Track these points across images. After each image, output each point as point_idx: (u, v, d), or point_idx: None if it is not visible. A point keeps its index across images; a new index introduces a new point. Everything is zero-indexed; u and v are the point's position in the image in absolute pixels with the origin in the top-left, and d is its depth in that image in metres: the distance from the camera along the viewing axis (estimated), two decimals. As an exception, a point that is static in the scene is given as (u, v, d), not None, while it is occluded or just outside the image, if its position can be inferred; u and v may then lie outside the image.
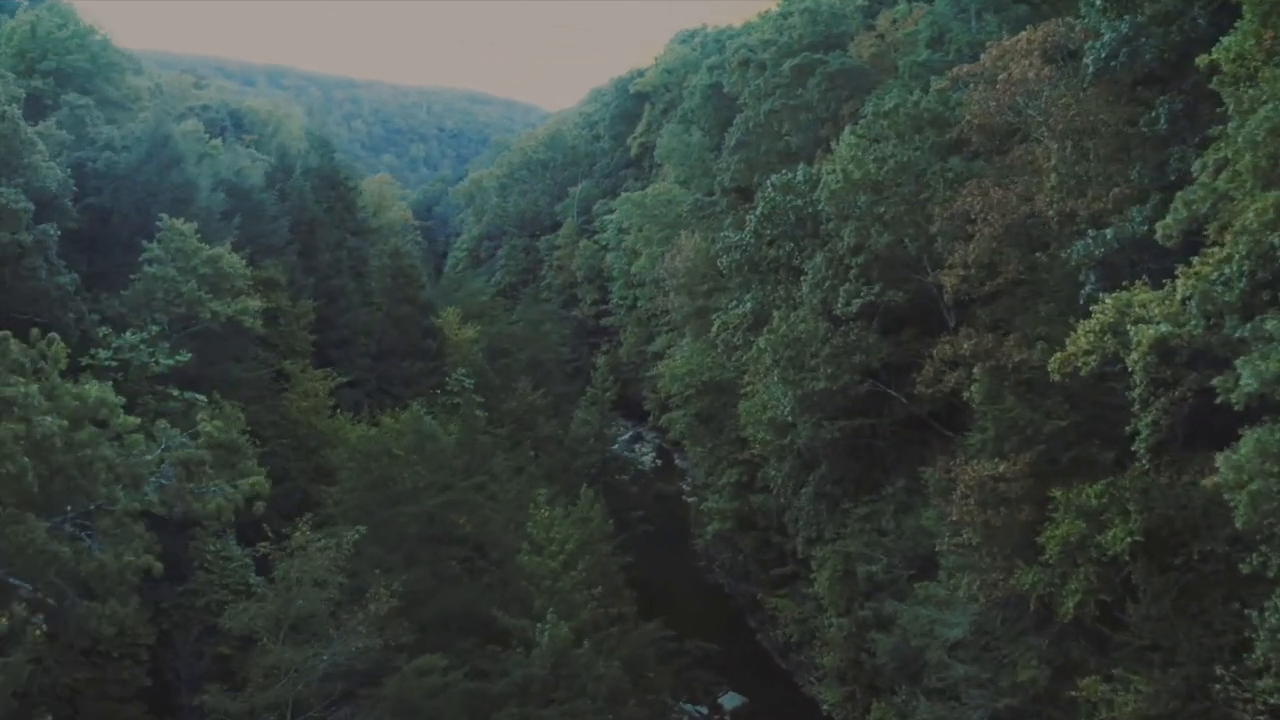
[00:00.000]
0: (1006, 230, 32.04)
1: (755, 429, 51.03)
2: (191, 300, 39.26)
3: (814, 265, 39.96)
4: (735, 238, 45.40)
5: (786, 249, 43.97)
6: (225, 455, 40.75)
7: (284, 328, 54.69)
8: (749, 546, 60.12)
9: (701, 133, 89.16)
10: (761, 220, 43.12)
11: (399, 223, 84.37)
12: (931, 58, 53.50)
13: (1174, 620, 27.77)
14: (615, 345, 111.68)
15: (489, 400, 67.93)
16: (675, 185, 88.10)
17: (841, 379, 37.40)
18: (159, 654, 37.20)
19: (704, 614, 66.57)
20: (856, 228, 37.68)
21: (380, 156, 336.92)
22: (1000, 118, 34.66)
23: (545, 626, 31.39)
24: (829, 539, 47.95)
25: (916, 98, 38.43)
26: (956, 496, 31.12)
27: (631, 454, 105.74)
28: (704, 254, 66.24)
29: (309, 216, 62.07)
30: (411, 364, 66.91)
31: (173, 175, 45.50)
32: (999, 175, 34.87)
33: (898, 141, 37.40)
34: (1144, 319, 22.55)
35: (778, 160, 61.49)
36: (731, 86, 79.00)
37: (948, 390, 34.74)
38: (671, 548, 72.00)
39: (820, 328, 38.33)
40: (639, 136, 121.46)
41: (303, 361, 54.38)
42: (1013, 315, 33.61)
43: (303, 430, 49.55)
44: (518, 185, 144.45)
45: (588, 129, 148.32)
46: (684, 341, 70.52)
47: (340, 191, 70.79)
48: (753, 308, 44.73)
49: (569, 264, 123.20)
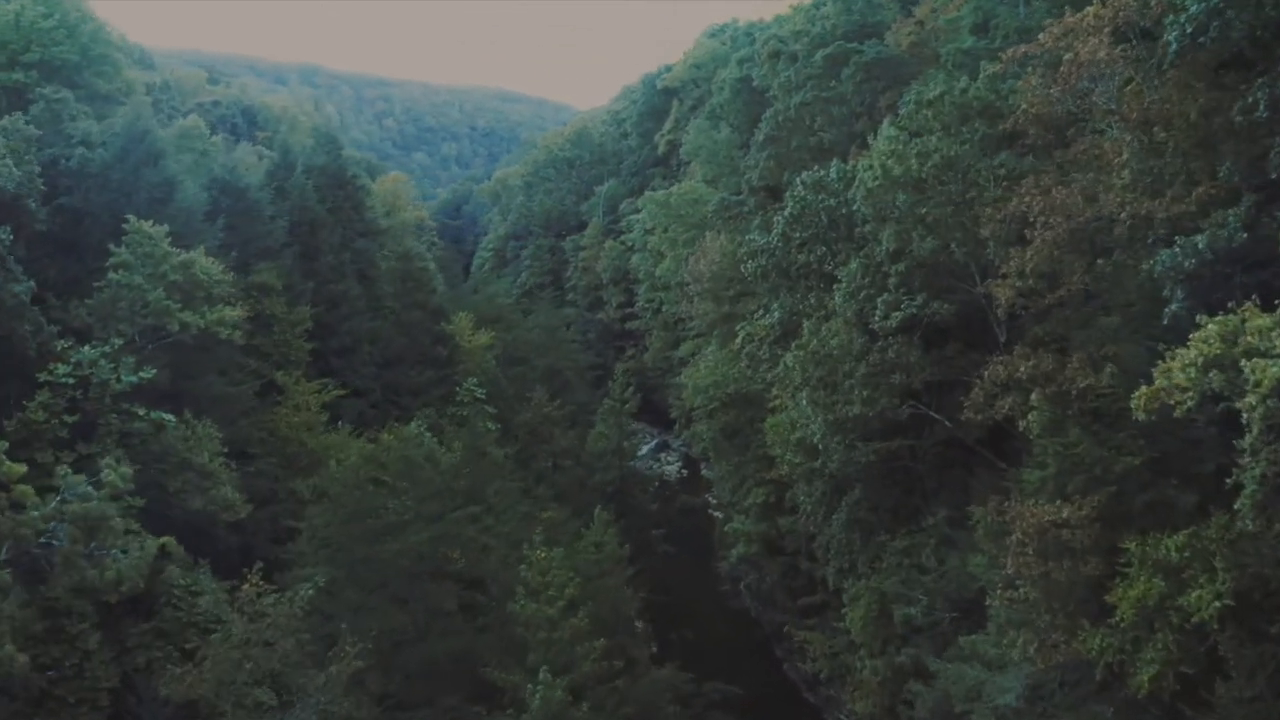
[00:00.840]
0: (1070, 235, 27.68)
1: (782, 449, 46.94)
2: (159, 310, 35.72)
3: (848, 272, 35.70)
4: (761, 241, 41.21)
5: (818, 253, 39.73)
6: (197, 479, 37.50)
7: (278, 336, 51.28)
8: (776, 572, 56.04)
9: (730, 129, 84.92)
10: (790, 222, 38.91)
11: (413, 223, 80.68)
12: (977, 44, 49.10)
13: (1271, 702, 23.42)
14: (641, 350, 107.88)
15: (502, 411, 64.16)
16: (701, 184, 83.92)
17: (879, 403, 33.17)
18: (121, 698, 33.71)
19: (728, 639, 62.60)
20: (896, 231, 33.39)
21: (412, 155, 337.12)
22: (1061, 106, 30.30)
23: (538, 687, 27.45)
24: (862, 571, 43.85)
25: (964, 84, 34.05)
26: (1011, 543, 26.82)
27: (656, 463, 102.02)
28: (730, 257, 62.11)
29: (310, 217, 58.62)
30: (420, 373, 63.32)
31: (148, 173, 42.09)
32: (1059, 172, 30.50)
33: (943, 134, 33.09)
34: (1261, 351, 18.21)
35: (809, 157, 57.30)
36: (761, 79, 74.85)
37: (999, 417, 30.41)
38: (695, 565, 67.99)
39: (855, 343, 34.10)
40: (666, 134, 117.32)
41: (296, 372, 50.86)
42: (1075, 332, 29.21)
43: (293, 447, 46.02)
44: (543, 184, 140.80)
45: (615, 126, 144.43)
46: (708, 350, 66.43)
47: (348, 191, 67.32)
48: (780, 318, 40.62)
49: (594, 265, 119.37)
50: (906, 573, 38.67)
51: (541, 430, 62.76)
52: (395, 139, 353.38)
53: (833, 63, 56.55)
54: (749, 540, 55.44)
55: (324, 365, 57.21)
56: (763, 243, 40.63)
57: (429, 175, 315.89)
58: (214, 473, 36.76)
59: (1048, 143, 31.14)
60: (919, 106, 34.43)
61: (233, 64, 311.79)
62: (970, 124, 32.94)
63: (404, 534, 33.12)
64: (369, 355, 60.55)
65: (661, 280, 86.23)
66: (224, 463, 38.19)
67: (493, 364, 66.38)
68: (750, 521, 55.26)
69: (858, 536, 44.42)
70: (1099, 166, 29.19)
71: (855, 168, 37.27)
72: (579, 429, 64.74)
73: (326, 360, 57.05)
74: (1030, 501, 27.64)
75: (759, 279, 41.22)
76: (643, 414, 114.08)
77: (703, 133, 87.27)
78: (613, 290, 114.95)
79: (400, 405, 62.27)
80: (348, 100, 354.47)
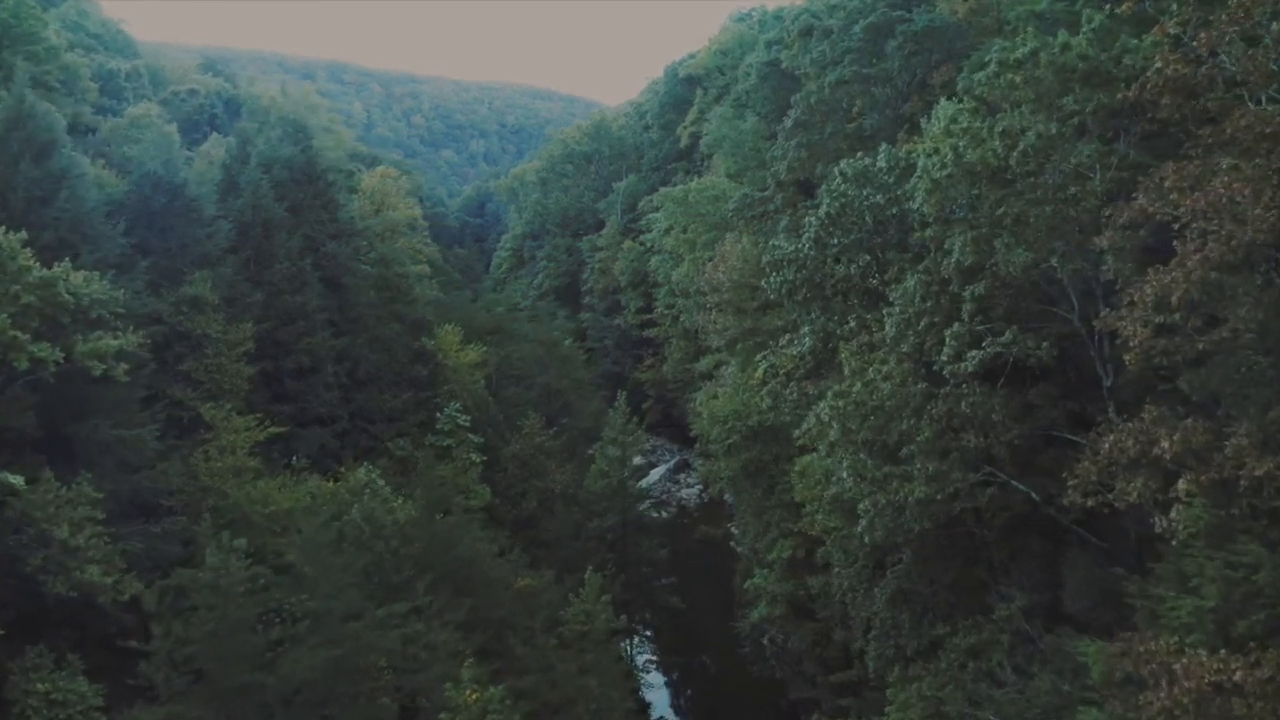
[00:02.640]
0: (1240, 250, 18.68)
1: (813, 505, 38.26)
2: (3, 342, 27.42)
3: (903, 292, 26.79)
4: (789, 248, 32.23)
5: (860, 264, 30.86)
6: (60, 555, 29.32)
7: (210, 360, 43.03)
8: (804, 639, 47.15)
9: (756, 117, 75.61)
10: (826, 224, 30.00)
11: (402, 223, 72.20)
12: (1054, 6, 39.93)
13: None
14: (661, 359, 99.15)
15: (491, 440, 55.71)
16: (724, 179, 74.86)
17: (950, 481, 24.24)
18: None
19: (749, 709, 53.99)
20: (973, 238, 24.40)
21: (440, 152, 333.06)
22: (1212, 66, 21.29)
23: None
24: (911, 657, 35.02)
25: (1063, 39, 24.99)
26: (1154, 711, 17.92)
27: (675, 485, 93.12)
28: (753, 263, 53.35)
29: (265, 216, 50.20)
30: (395, 396, 54.91)
31: (28, 168, 33.86)
32: (1205, 158, 21.47)
33: (1035, 106, 24.13)
34: None
35: (846, 146, 48.36)
36: (791, 60, 65.69)
37: (1123, 506, 21.44)
38: (713, 611, 59.18)
39: (913, 390, 25.15)
40: (689, 125, 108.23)
41: (229, 405, 42.52)
42: (1239, 390, 20.15)
43: (214, 499, 37.73)
44: (559, 180, 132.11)
45: (637, 119, 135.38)
46: (729, 370, 57.60)
47: (318, 186, 58.82)
48: (812, 347, 31.76)
49: (611, 267, 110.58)
50: (973, 682, 29.75)
51: (534, 462, 54.23)
52: (423, 136, 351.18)
53: (875, 34, 47.46)
54: (773, 601, 46.66)
55: (278, 390, 48.99)
56: (790, 250, 31.66)
57: (456, 172, 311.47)
58: (78, 549, 28.46)
59: (1191, 116, 22.00)
60: (1001, 69, 25.34)
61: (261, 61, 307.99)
62: (1075, 93, 23.89)
63: (304, 647, 24.53)
64: (334, 377, 52.16)
65: (680, 286, 77.42)
66: (99, 532, 29.88)
67: (481, 385, 57.87)
68: (774, 578, 46.51)
69: (906, 617, 35.55)
70: (1271, 150, 20.15)
71: (912, 153, 28.30)
72: (579, 461, 56.01)
73: (281, 384, 48.81)
74: (1172, 640, 18.78)
75: (785, 296, 32.25)
76: (661, 428, 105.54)
77: (726, 122, 78.13)
78: (631, 294, 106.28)
79: (371, 434, 53.97)
80: (376, 97, 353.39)
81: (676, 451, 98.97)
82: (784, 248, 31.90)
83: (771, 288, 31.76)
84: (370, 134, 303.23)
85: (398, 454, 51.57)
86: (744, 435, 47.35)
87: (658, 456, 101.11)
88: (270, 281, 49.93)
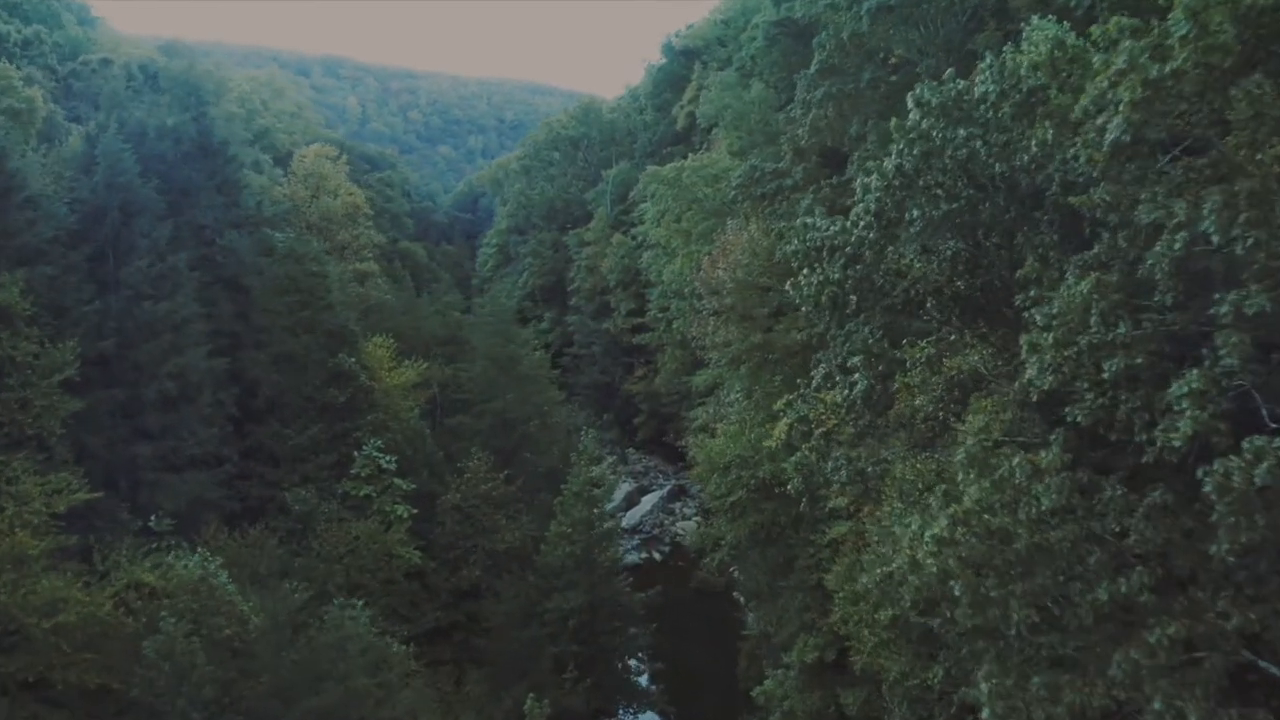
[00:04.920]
0: None
1: (851, 603, 26.00)
2: None
3: (1067, 306, 14.32)
4: (829, 229, 19.69)
5: (951, 253, 18.55)
6: None
7: (13, 392, 30.91)
8: (837, 766, 34.88)
9: (764, 85, 62.85)
10: (893, 187, 17.60)
11: (339, 212, 59.69)
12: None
13: None
14: (654, 370, 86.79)
15: (428, 486, 43.44)
16: (724, 156, 62.25)
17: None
18: None
19: None
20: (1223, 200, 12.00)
21: (436, 148, 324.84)
22: None
23: None
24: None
25: None
26: None
27: (668, 517, 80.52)
28: (764, 255, 40.94)
29: (122, 199, 38.01)
30: (302, 430, 42.57)
31: None
32: None
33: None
34: None
35: (885, 103, 36.08)
36: (806, 9, 53.24)
37: None
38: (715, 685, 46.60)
39: (1095, 504, 12.73)
40: (686, 105, 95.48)
41: (42, 456, 30.44)
42: None
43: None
44: (544, 169, 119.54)
45: (630, 101, 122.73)
46: (732, 395, 45.14)
47: (215, 164, 46.61)
48: (866, 389, 19.32)
49: (600, 264, 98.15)
50: None
51: (479, 515, 41.85)
52: (420, 131, 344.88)
53: (928, -52, 34.98)
54: (791, 718, 34.27)
55: (134, 425, 36.87)
56: (833, 232, 19.08)
57: (453, 168, 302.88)
58: None
59: None
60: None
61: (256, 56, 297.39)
62: None
63: None
64: (215, 407, 39.91)
65: (672, 286, 64.99)
66: None
67: (416, 414, 45.42)
68: (794, 686, 34.07)
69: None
70: None
71: (1061, 54, 15.85)
72: (541, 511, 43.39)
73: (130, 419, 36.64)
74: None
75: (828, 308, 19.46)
76: (654, 448, 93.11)
77: (728, 90, 65.32)
78: (621, 295, 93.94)
79: (267, 482, 41.74)
80: (372, 92, 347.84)
81: (672, 475, 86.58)
82: (822, 228, 19.39)
83: (803, 295, 19.09)
84: (365, 129, 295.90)
85: (296, 508, 39.34)
86: (752, 490, 34.99)
87: (650, 480, 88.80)
88: (128, 283, 37.78)
